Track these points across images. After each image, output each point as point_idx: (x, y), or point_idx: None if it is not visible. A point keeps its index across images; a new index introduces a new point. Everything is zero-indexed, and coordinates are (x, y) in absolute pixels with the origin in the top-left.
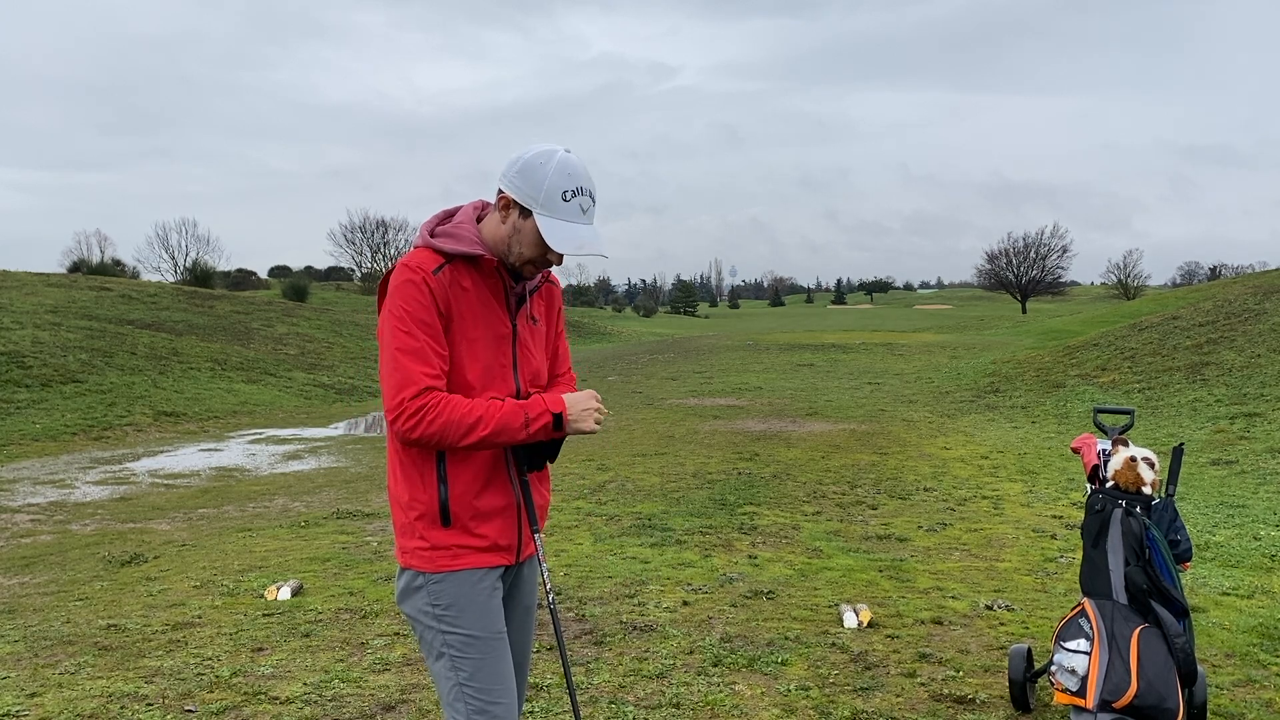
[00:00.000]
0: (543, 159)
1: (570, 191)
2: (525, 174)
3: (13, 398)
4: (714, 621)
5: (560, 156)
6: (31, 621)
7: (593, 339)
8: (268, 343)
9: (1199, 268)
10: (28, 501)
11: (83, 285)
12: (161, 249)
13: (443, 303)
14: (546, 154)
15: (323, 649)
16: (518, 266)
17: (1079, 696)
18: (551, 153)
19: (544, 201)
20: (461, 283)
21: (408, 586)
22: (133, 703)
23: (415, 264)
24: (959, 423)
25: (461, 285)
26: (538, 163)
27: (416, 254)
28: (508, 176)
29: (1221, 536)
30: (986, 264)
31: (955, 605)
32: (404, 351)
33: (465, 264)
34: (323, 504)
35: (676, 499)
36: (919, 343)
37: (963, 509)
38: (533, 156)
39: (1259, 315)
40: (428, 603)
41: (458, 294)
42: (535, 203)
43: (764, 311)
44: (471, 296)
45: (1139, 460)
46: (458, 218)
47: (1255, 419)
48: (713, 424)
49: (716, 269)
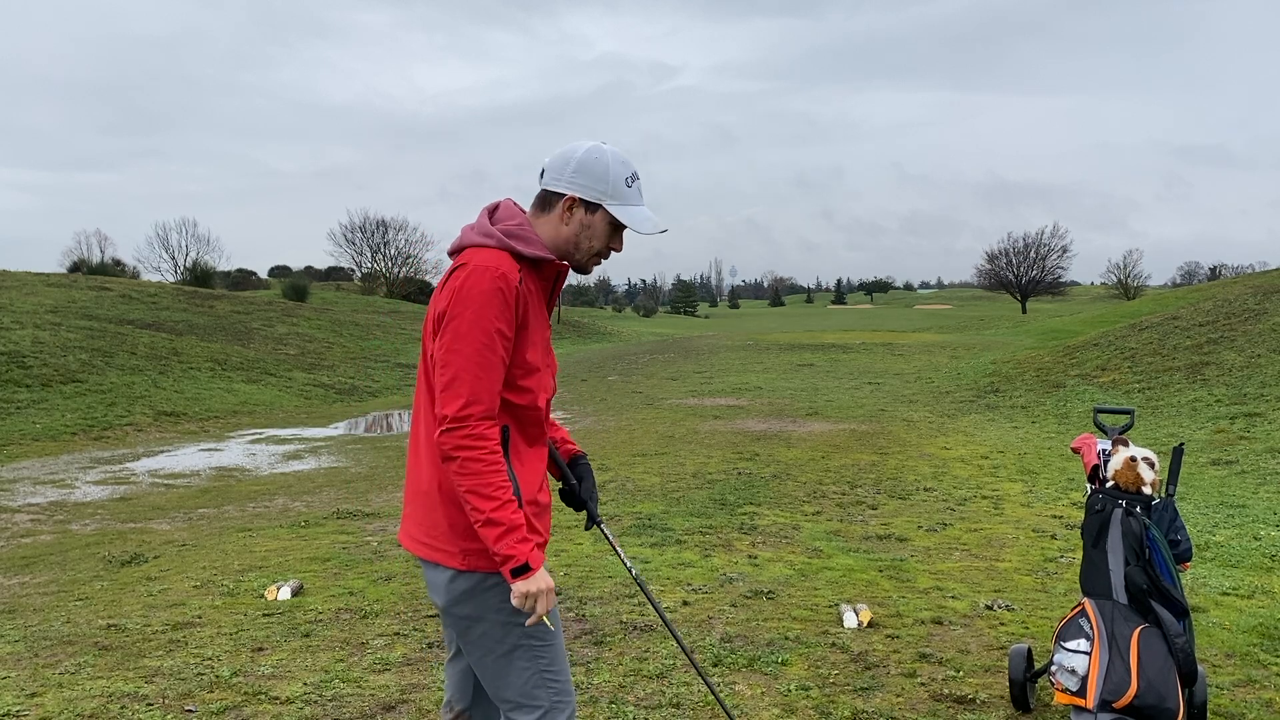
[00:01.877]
0: (596, 153)
1: (630, 177)
2: (585, 171)
3: (13, 398)
4: (714, 621)
5: (609, 148)
6: (31, 621)
7: (593, 339)
8: (268, 343)
9: (1199, 268)
10: (28, 501)
11: (83, 285)
12: (161, 249)
13: (520, 312)
14: (596, 149)
15: (323, 649)
16: (583, 262)
17: (1079, 696)
18: (599, 147)
19: (612, 192)
20: (529, 287)
21: (475, 588)
22: (133, 703)
23: (502, 271)
24: (959, 423)
25: (529, 290)
26: (593, 158)
27: (499, 258)
28: (565, 179)
29: (1221, 536)
30: (986, 264)
31: (955, 605)
32: (484, 364)
33: (530, 268)
34: (323, 504)
35: (676, 499)
36: (919, 343)
37: (963, 509)
38: (585, 154)
39: (1259, 315)
40: (502, 600)
41: (527, 300)
42: (605, 195)
43: (764, 311)
44: (535, 301)
45: (1139, 460)
46: (517, 219)
47: (1255, 419)
48: (713, 424)
49: (716, 269)
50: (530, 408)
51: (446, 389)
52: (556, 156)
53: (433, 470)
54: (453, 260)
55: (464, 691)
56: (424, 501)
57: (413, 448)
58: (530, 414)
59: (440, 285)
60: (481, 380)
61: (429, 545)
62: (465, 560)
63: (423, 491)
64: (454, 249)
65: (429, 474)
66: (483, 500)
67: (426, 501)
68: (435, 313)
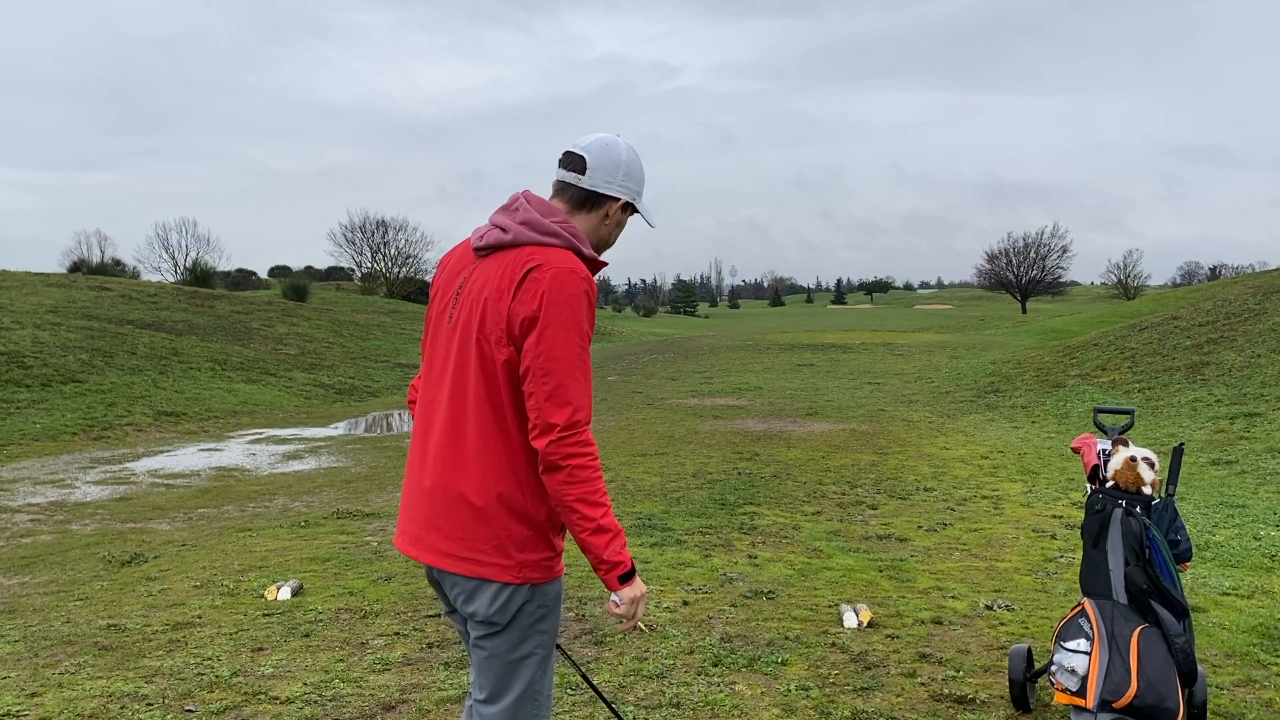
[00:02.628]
0: (634, 154)
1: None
2: (633, 174)
3: (13, 398)
4: (714, 621)
5: (631, 145)
6: (31, 621)
7: (593, 339)
8: (268, 343)
9: (1199, 268)
10: (28, 501)
11: (83, 285)
12: (161, 249)
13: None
14: (631, 149)
15: (323, 649)
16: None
17: (1079, 696)
18: (631, 146)
19: (642, 193)
20: None
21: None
22: (133, 703)
23: (585, 274)
24: (959, 423)
25: None
26: (634, 159)
27: (576, 261)
28: (616, 182)
29: (1221, 536)
30: (986, 264)
31: (955, 605)
32: (583, 369)
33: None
34: (323, 504)
35: (676, 499)
36: (919, 343)
37: (963, 509)
38: (628, 156)
39: (1259, 315)
40: (538, 604)
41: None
42: (638, 195)
43: (764, 311)
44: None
45: (1139, 460)
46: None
47: (1255, 419)
48: (713, 424)
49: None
50: None
51: (552, 397)
52: (600, 155)
53: (491, 481)
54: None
55: None
56: (467, 513)
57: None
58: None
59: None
60: (583, 386)
61: (473, 560)
62: (520, 574)
63: (467, 503)
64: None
65: (484, 485)
66: (592, 508)
67: (471, 513)
68: (518, 318)
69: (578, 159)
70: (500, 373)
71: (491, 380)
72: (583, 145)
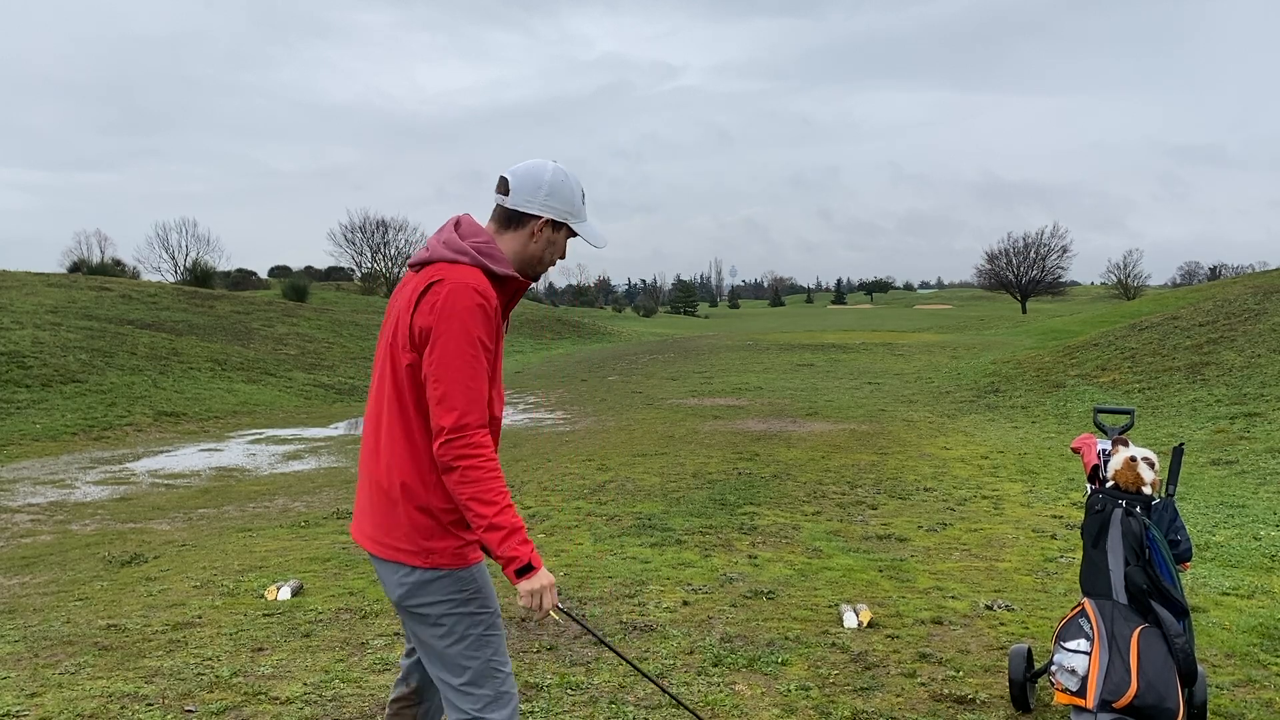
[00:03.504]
0: (561, 176)
1: (583, 195)
2: (556, 194)
3: (13, 398)
4: (714, 621)
5: (568, 170)
6: (31, 621)
7: (593, 339)
8: (268, 343)
9: (1199, 268)
10: (28, 501)
11: (83, 285)
12: (161, 249)
13: (497, 328)
14: (560, 170)
15: (323, 649)
16: (540, 274)
17: (1079, 696)
18: (562, 169)
19: (575, 212)
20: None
21: (430, 583)
22: (133, 703)
23: (483, 288)
24: (959, 423)
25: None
26: (559, 180)
27: (477, 276)
28: (537, 201)
29: (1221, 536)
30: (986, 264)
31: (955, 605)
32: (474, 377)
33: (496, 284)
34: (323, 504)
35: (676, 499)
36: (919, 343)
37: (963, 509)
38: (552, 176)
39: (1259, 315)
40: (455, 589)
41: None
42: (570, 215)
43: (764, 311)
44: (499, 319)
45: (1139, 460)
46: (483, 237)
47: (1255, 419)
48: (713, 424)
49: (716, 269)
50: (496, 419)
51: (441, 402)
52: (524, 177)
53: (395, 472)
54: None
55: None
56: (384, 502)
57: (370, 450)
58: (496, 425)
59: (409, 297)
60: (473, 392)
61: (388, 545)
62: (427, 559)
63: (384, 492)
64: (421, 260)
65: (389, 475)
66: (485, 506)
67: (387, 502)
68: (417, 328)
69: (503, 181)
70: (404, 375)
71: (398, 382)
72: (511, 169)
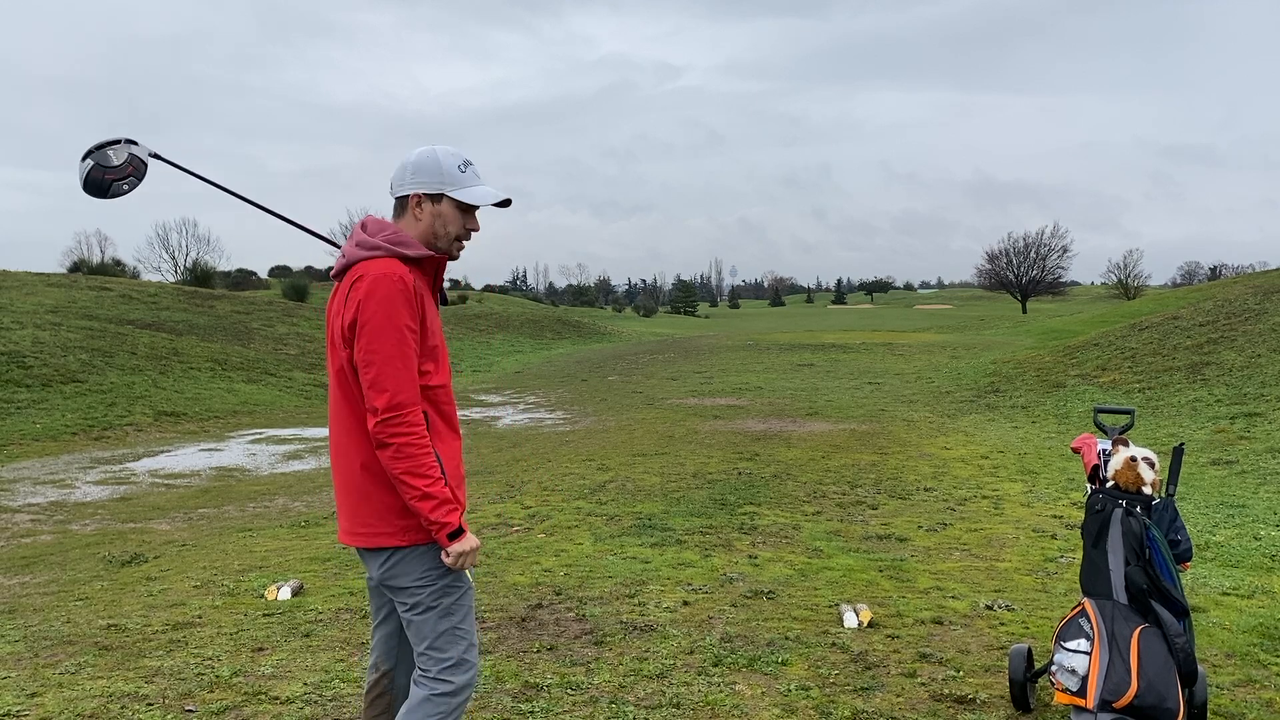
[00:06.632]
0: (426, 152)
1: (463, 164)
2: (420, 170)
3: (13, 398)
4: (714, 621)
5: (437, 146)
6: (32, 621)
7: (593, 339)
8: (268, 342)
9: (1199, 268)
10: (28, 501)
11: (83, 285)
12: (162, 249)
13: (420, 310)
14: (424, 149)
15: (323, 649)
16: (447, 248)
17: (1079, 696)
18: (430, 148)
19: (449, 179)
20: (419, 284)
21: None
22: (133, 703)
23: (399, 274)
24: (959, 423)
25: (421, 287)
26: (424, 157)
27: (390, 264)
28: (404, 183)
29: (1221, 536)
30: (987, 264)
31: (955, 605)
32: (401, 359)
33: (415, 267)
34: (323, 504)
35: (676, 499)
36: (919, 343)
37: (963, 509)
38: (417, 157)
39: (1259, 315)
40: (434, 563)
41: (421, 296)
42: (444, 184)
43: (764, 311)
44: (426, 295)
45: (1139, 460)
46: (389, 229)
47: (1255, 419)
48: (713, 424)
49: (716, 269)
50: (442, 388)
51: (373, 385)
52: (397, 167)
53: (354, 457)
54: (340, 279)
55: (389, 653)
56: (355, 494)
57: (335, 448)
58: (443, 394)
59: (338, 298)
60: (401, 374)
61: (368, 533)
62: (405, 536)
63: (354, 485)
64: (341, 268)
65: (351, 463)
66: (417, 479)
67: (358, 494)
68: (344, 323)
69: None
70: (348, 371)
71: (344, 379)
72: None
